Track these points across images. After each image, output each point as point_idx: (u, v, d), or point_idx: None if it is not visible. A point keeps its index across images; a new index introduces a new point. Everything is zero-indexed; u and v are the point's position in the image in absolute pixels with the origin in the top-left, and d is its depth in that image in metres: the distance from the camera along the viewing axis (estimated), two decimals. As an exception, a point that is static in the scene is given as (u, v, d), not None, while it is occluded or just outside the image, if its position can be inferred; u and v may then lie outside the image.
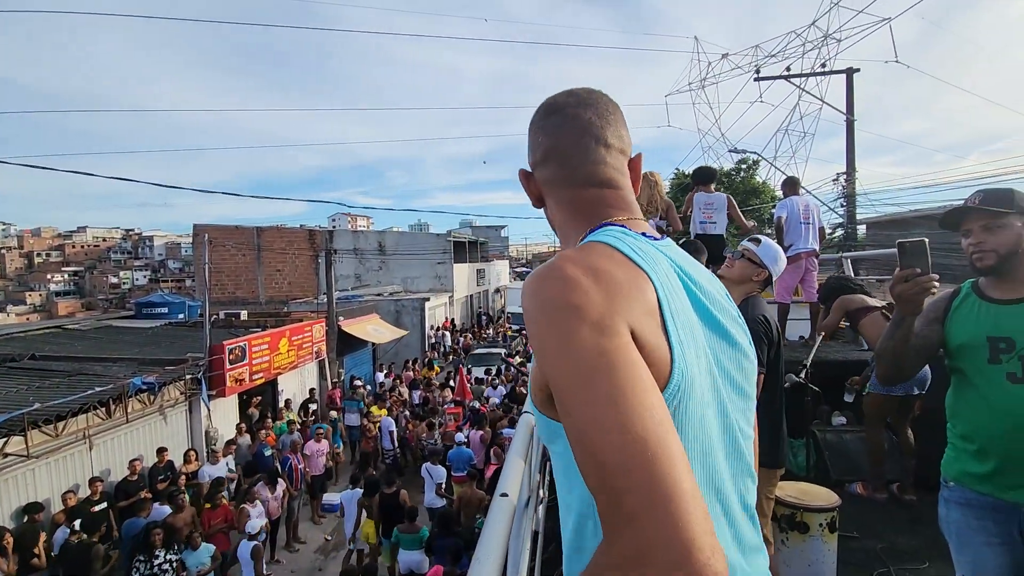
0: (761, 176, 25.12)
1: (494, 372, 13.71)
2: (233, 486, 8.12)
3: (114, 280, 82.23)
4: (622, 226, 0.78)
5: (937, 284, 1.54)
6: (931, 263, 1.52)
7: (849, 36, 15.84)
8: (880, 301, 4.24)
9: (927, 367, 3.01)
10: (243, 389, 10.40)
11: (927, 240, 1.52)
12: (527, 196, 0.92)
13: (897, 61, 15.30)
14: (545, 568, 2.53)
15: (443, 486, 7.92)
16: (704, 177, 5.37)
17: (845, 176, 13.43)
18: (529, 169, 0.91)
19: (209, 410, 9.46)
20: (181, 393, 9.05)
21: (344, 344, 14.83)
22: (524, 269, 57.36)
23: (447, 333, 23.01)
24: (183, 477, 7.67)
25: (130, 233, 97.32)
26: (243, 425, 9.80)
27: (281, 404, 11.45)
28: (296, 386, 12.60)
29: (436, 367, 15.53)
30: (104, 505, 6.58)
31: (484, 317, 30.07)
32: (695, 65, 31.07)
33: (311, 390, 12.19)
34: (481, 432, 9.02)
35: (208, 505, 6.94)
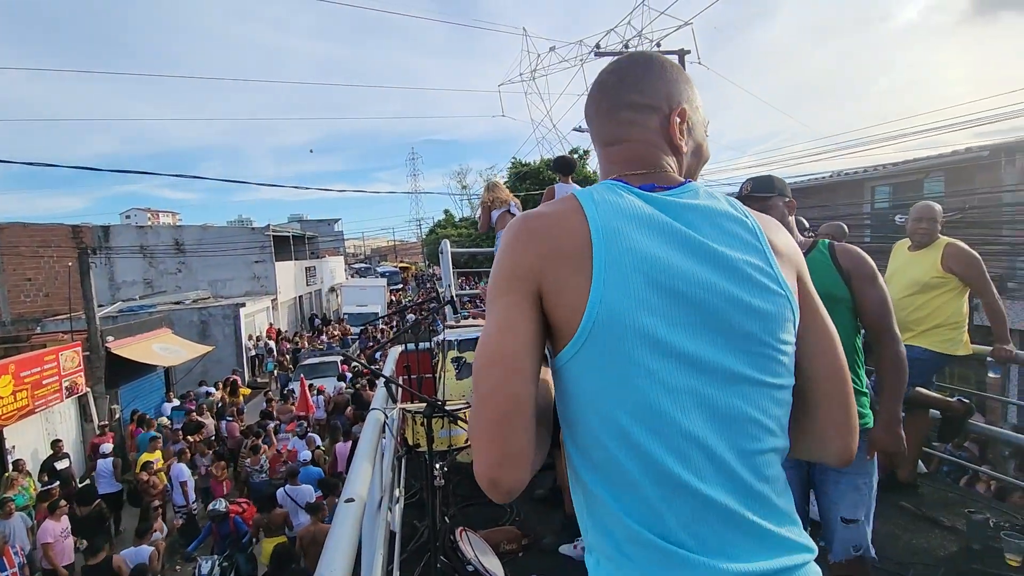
0: (591, 166, 25.67)
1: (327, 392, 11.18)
2: None
3: None
4: (621, 181, 0.84)
5: None
6: None
7: (658, 36, 16.44)
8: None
9: None
10: (-72, 459, 7.00)
11: None
12: None
13: (700, 63, 16.25)
14: (404, 567, 2.50)
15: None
16: (565, 167, 5.10)
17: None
18: None
19: None
20: None
21: (118, 373, 11.39)
22: (362, 265, 53.51)
23: (271, 342, 19.75)
24: None
25: None
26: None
27: (9, 468, 8.09)
28: (37, 438, 9.16)
29: (244, 388, 12.69)
30: None
31: (318, 320, 26.83)
32: (525, 56, 30.91)
33: (55, 442, 8.84)
34: (349, 442, 7.82)
35: None
